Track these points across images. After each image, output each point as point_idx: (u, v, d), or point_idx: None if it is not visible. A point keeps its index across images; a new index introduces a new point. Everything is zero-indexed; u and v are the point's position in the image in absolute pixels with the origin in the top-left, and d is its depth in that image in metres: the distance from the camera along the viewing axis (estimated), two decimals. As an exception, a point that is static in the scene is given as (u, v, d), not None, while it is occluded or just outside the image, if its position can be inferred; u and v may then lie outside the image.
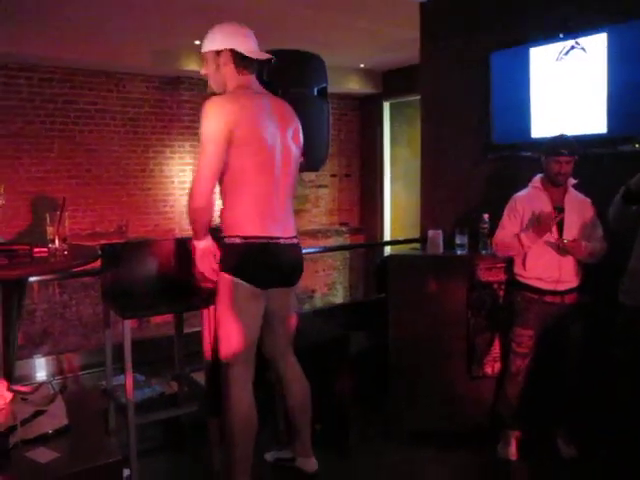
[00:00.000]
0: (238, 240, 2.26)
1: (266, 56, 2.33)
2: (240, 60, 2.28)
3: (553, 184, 2.82)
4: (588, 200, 2.84)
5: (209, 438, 2.76)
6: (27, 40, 5.54)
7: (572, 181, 2.84)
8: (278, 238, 2.31)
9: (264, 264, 2.29)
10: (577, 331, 2.85)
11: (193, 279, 2.45)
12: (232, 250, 2.27)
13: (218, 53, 2.28)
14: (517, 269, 2.92)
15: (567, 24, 3.17)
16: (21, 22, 5.24)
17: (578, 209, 2.81)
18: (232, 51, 2.27)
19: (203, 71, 2.35)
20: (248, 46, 2.29)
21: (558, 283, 2.82)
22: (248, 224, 2.26)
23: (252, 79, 2.34)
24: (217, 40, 2.29)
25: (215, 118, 2.15)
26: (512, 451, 2.94)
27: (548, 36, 3.28)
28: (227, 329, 2.30)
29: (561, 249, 2.74)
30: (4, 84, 6.07)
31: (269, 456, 2.78)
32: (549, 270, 2.81)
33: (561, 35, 3.22)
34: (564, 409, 2.94)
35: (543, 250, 2.82)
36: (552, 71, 3.30)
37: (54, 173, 6.41)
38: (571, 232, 2.77)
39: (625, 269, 2.49)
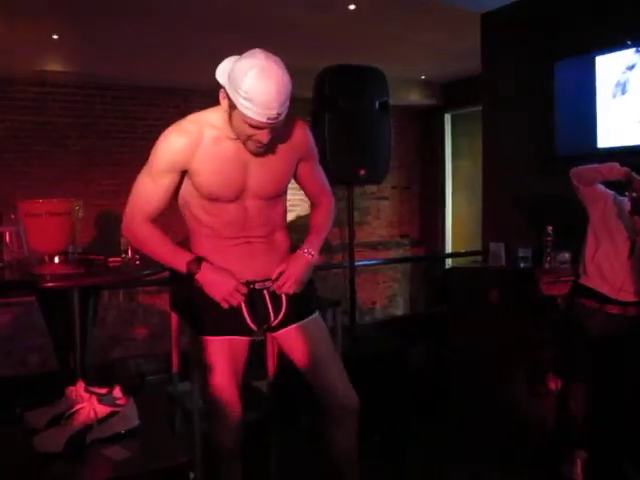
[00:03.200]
0: None
1: None
2: None
3: None
4: None
5: (270, 445, 2.81)
6: (101, 61, 5.84)
7: None
8: None
9: None
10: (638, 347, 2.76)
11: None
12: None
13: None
14: (584, 265, 2.86)
15: (633, 31, 3.10)
16: (96, 45, 5.53)
17: None
18: None
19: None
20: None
21: (620, 291, 2.75)
22: None
23: None
24: None
25: None
26: (577, 471, 2.85)
27: (614, 44, 3.21)
28: None
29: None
30: (82, 102, 6.41)
31: None
32: (615, 273, 2.75)
33: (629, 42, 3.14)
34: (631, 431, 2.84)
35: (615, 253, 2.76)
36: (619, 79, 3.22)
37: (124, 186, 6.63)
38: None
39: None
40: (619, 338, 2.79)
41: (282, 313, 1.96)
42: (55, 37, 5.37)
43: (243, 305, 1.89)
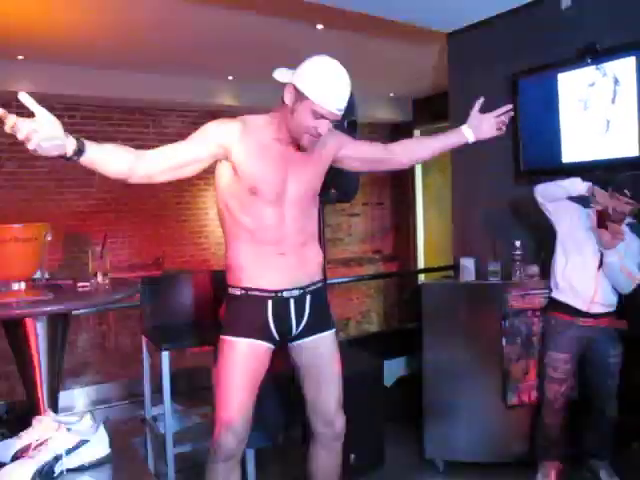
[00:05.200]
0: None
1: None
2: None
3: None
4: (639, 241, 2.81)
5: (245, 462, 2.78)
6: (70, 81, 5.80)
7: (628, 219, 2.82)
8: None
9: None
10: (614, 357, 2.81)
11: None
12: None
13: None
14: (555, 279, 2.90)
15: (595, 49, 3.19)
16: (64, 64, 5.50)
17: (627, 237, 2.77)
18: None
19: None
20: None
21: (592, 304, 2.79)
22: None
23: None
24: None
25: None
26: (551, 483, 2.88)
27: (576, 61, 3.30)
28: None
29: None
30: (49, 123, 6.33)
31: None
32: (585, 286, 2.79)
33: (589, 60, 3.23)
34: (605, 440, 2.87)
35: (584, 266, 2.81)
36: (581, 95, 3.31)
37: (94, 207, 6.62)
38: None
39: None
40: (593, 349, 2.83)
41: (303, 323, 2.01)
42: (20, 57, 5.33)
43: (270, 314, 1.95)
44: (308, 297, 2.01)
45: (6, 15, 4.23)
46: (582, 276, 2.82)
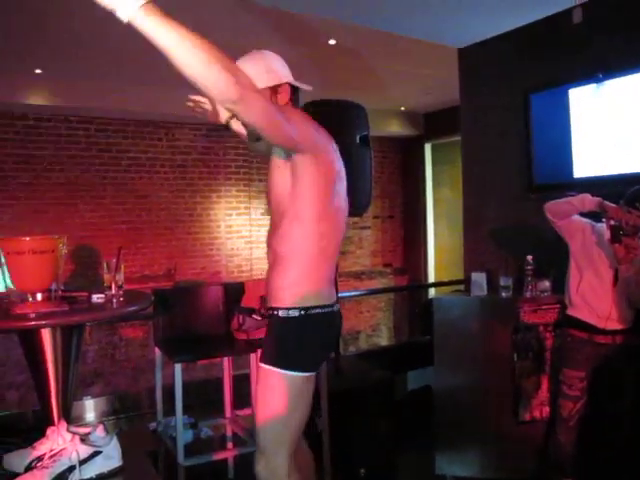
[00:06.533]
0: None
1: (308, 87, 1.94)
2: (293, 95, 1.89)
3: None
4: None
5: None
6: (86, 94, 5.89)
7: None
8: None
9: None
10: (630, 374, 2.78)
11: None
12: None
13: (275, 89, 1.84)
14: (569, 296, 2.89)
15: (606, 64, 3.19)
16: (80, 78, 5.58)
17: None
18: (290, 85, 1.87)
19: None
20: (292, 76, 1.91)
21: (608, 320, 2.77)
22: None
23: None
24: (273, 72, 1.84)
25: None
26: (564, 500, 2.85)
27: (587, 76, 3.30)
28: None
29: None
30: (65, 135, 6.42)
31: None
32: (601, 303, 2.77)
33: (600, 75, 3.24)
34: (620, 457, 2.84)
35: (599, 282, 2.79)
36: (593, 110, 3.31)
37: (107, 219, 6.68)
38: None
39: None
40: (609, 366, 2.81)
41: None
42: (38, 71, 5.42)
43: None
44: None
45: (26, 29, 4.31)
46: (597, 292, 2.79)
